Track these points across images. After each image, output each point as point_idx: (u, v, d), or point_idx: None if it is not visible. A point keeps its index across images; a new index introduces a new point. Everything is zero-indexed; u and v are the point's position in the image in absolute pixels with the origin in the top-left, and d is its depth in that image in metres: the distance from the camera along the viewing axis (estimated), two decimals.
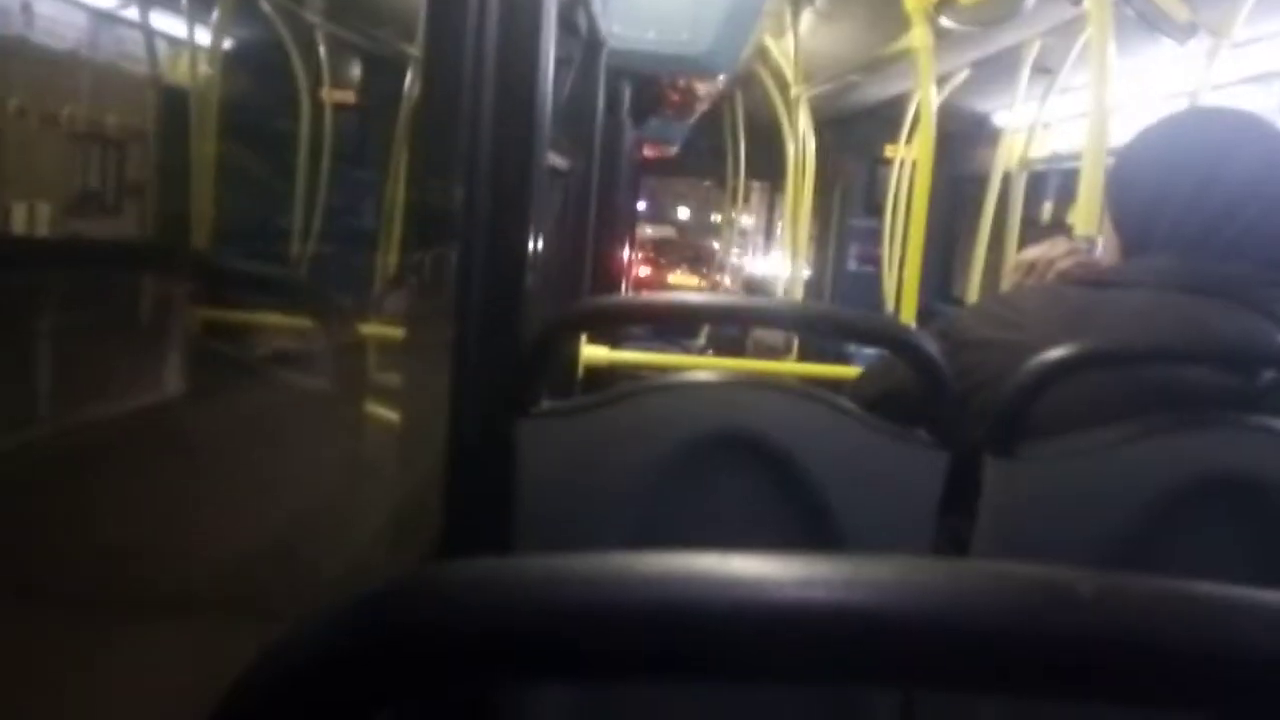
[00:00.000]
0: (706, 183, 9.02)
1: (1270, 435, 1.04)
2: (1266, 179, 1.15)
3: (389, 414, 1.33)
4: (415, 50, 4.53)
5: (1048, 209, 4.00)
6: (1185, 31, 2.50)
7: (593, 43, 2.42)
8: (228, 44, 4.06)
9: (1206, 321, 1.10)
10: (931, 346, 1.09)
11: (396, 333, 1.60)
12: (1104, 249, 1.28)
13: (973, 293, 3.93)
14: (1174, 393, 1.09)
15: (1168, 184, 1.19)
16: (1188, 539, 1.05)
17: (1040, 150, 3.96)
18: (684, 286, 7.82)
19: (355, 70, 5.12)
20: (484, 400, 1.16)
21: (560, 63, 1.53)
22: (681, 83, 3.81)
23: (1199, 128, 1.24)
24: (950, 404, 1.09)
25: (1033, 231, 4.20)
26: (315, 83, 4.99)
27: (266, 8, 4.47)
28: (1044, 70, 3.61)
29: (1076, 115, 3.70)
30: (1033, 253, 1.35)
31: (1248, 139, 1.18)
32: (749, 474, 1.14)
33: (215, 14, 3.91)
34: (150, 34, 3.83)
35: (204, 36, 4.11)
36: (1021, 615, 0.26)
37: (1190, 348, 1.11)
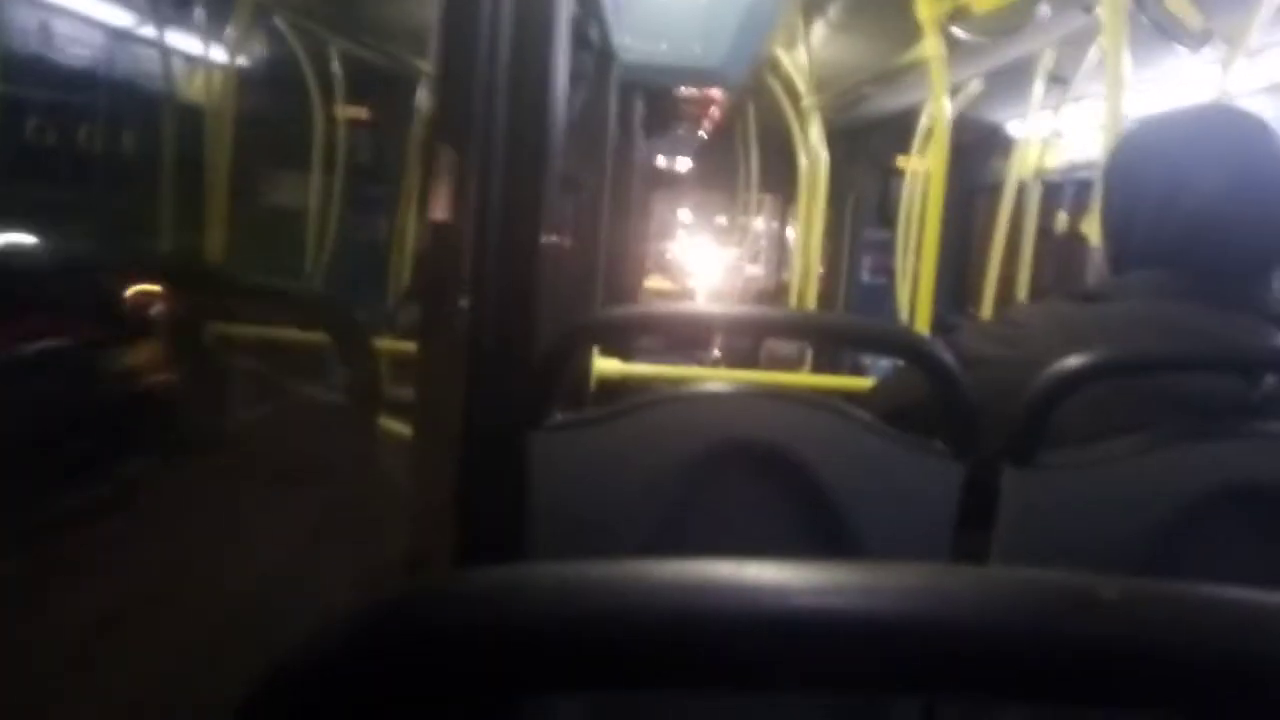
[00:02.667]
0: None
1: None
2: (1242, 179, 1.10)
3: (402, 428, 1.33)
4: (427, 66, 4.55)
5: (1063, 219, 3.98)
6: (1199, 39, 2.49)
7: (605, 56, 2.43)
8: (242, 61, 4.07)
9: (1204, 327, 1.09)
10: (948, 356, 1.08)
11: (410, 347, 1.60)
12: (1101, 261, 1.27)
13: (987, 304, 3.91)
14: (1186, 401, 1.08)
15: (1136, 194, 1.16)
16: (1207, 549, 1.04)
17: (1055, 160, 3.95)
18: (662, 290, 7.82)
19: (369, 87, 5.15)
20: (497, 413, 1.16)
21: (573, 76, 1.53)
22: (694, 95, 3.83)
23: (1167, 133, 1.19)
24: (967, 414, 1.09)
25: (1048, 243, 4.19)
26: (329, 99, 5.02)
27: (281, 25, 4.50)
28: (1058, 80, 3.60)
29: (1092, 125, 3.69)
30: None
31: (1219, 139, 1.14)
32: (764, 485, 1.13)
33: (230, 32, 3.93)
34: (166, 52, 3.84)
35: (219, 54, 4.11)
36: (1045, 620, 0.26)
37: (1205, 355, 1.10)
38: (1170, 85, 3.09)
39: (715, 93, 3.60)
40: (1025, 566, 0.31)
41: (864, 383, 2.86)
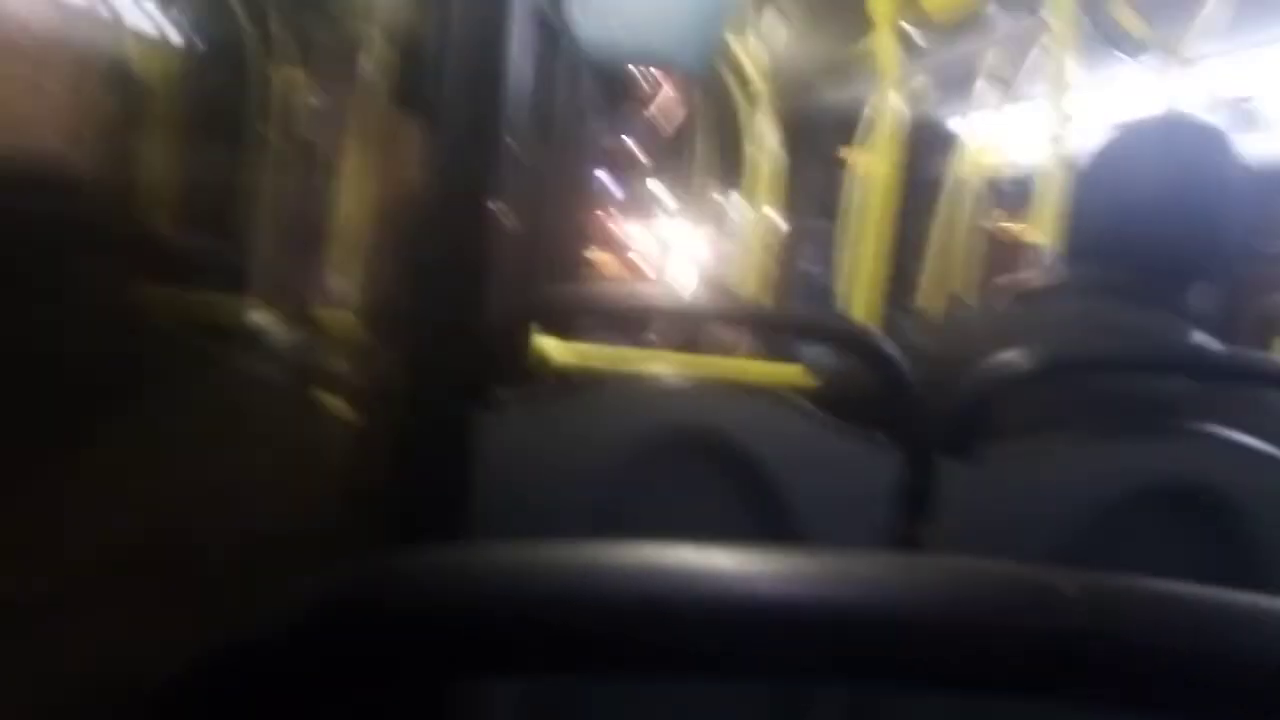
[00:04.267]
0: None
1: (1215, 441, 1.07)
2: (1182, 186, 1.16)
3: (339, 403, 1.30)
4: (372, 33, 4.45)
5: (1000, 216, 4.06)
6: (1138, 48, 2.56)
7: (557, 32, 2.40)
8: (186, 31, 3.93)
9: (1132, 327, 1.14)
10: (889, 347, 1.09)
11: (348, 318, 1.57)
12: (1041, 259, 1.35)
13: (925, 298, 3.98)
14: (1115, 398, 1.11)
15: (1085, 195, 1.24)
16: (1134, 543, 1.07)
17: (997, 159, 4.02)
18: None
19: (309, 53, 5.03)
20: (439, 389, 1.15)
21: (524, 51, 1.51)
22: (647, 76, 3.81)
23: (1124, 138, 1.26)
24: (908, 405, 1.10)
25: (987, 240, 4.27)
26: (267, 66, 4.89)
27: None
28: (999, 79, 3.66)
29: (1033, 125, 3.76)
30: None
31: (1168, 146, 1.20)
32: (707, 470, 1.14)
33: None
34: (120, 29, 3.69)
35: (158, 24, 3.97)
36: (1009, 614, 0.26)
37: (1130, 357, 1.14)
38: (1111, 91, 3.16)
39: (669, 76, 3.59)
40: (961, 557, 0.31)
41: (799, 370, 2.88)
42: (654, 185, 9.35)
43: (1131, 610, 0.27)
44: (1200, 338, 1.15)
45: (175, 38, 3.78)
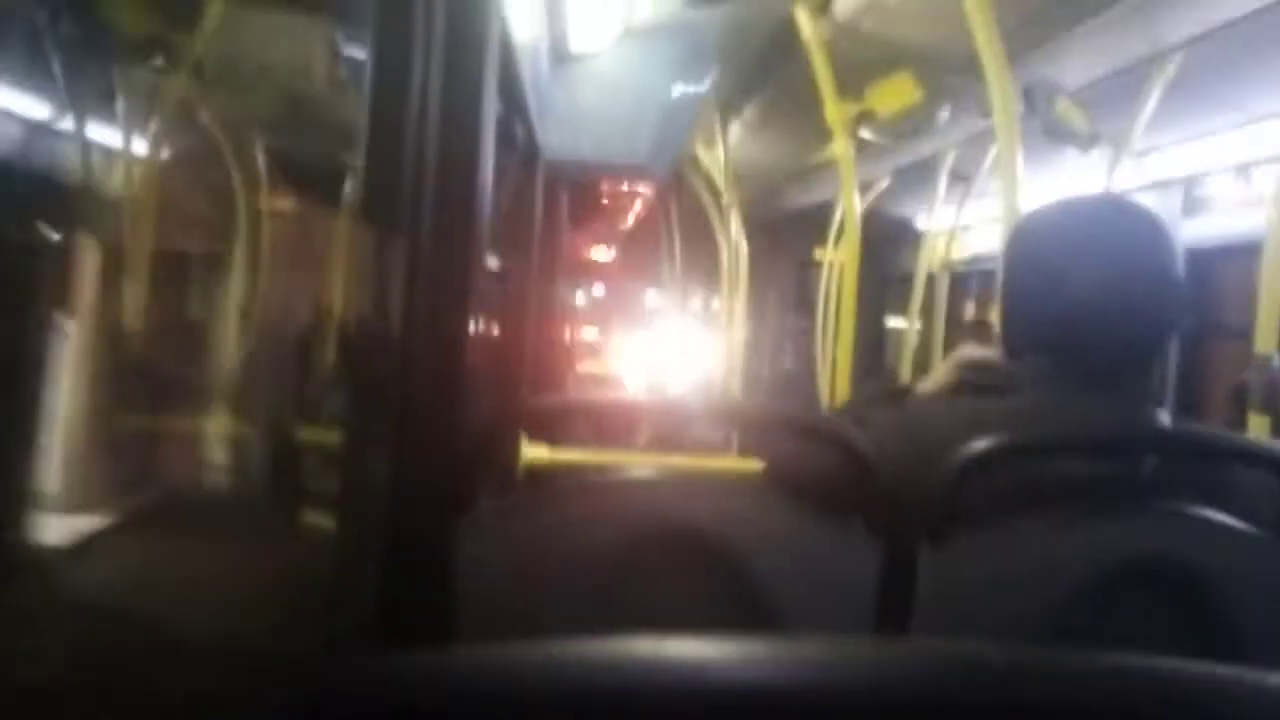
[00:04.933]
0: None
1: (1184, 519, 1.08)
2: (1119, 270, 1.14)
3: (326, 521, 1.31)
4: (354, 160, 4.58)
5: (970, 308, 4.15)
6: (1088, 141, 2.67)
7: (530, 152, 2.49)
8: (165, 154, 4.05)
9: (1089, 415, 1.14)
10: (867, 444, 1.12)
11: (334, 437, 1.59)
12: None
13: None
14: (1080, 483, 1.13)
15: (1020, 284, 1.22)
16: (1113, 619, 1.08)
17: (961, 252, 4.13)
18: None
19: (293, 179, 5.15)
20: (423, 499, 1.16)
21: (499, 171, 1.58)
22: (618, 189, 3.93)
23: (1050, 224, 1.24)
24: (884, 496, 1.12)
25: (958, 330, 4.35)
26: (253, 191, 5.00)
27: (205, 119, 4.49)
28: (960, 178, 3.80)
29: (992, 219, 3.89)
30: (938, 374, 1.35)
31: (1099, 231, 1.18)
32: (690, 569, 1.14)
33: (153, 126, 3.92)
34: (85, 144, 3.80)
35: (140, 147, 4.08)
36: (939, 687, 0.28)
37: (1098, 439, 1.15)
38: (1063, 182, 3.29)
39: (639, 187, 3.70)
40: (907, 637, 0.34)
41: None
42: (632, 292, 9.49)
43: (1059, 679, 0.29)
44: (1162, 418, 1.17)
45: (144, 151, 3.88)
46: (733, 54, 3.24)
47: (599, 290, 9.49)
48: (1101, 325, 1.14)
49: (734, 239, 4.91)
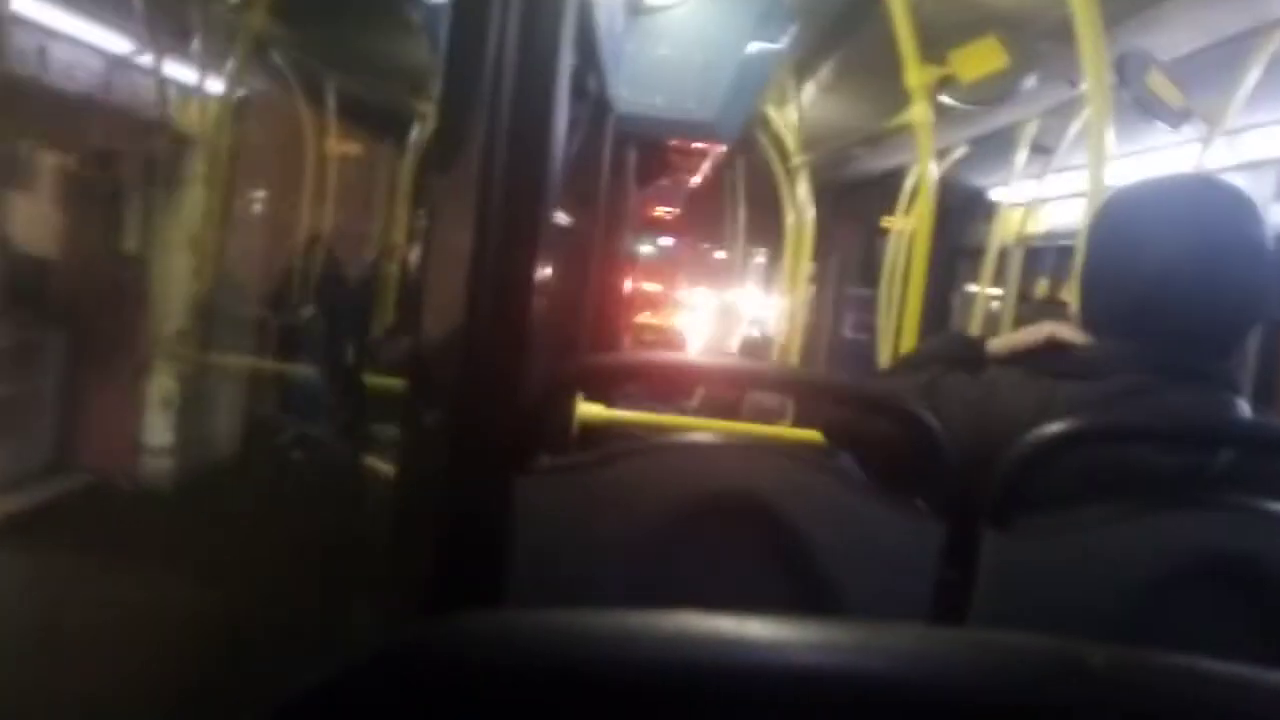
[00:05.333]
0: None
1: (1258, 516, 1.05)
2: (1200, 250, 1.11)
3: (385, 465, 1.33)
4: (422, 105, 4.59)
5: (1043, 285, 4.05)
6: (1179, 117, 2.56)
7: (601, 106, 2.47)
8: (239, 93, 4.10)
9: (1166, 404, 1.10)
10: (933, 421, 1.09)
11: (395, 383, 1.60)
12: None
13: None
14: (1152, 471, 1.09)
15: (1099, 262, 1.19)
16: (1176, 617, 1.05)
17: (1037, 227, 4.02)
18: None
19: (362, 123, 5.19)
20: (482, 455, 1.16)
21: (569, 124, 1.56)
22: (685, 148, 3.88)
23: (1132, 202, 1.21)
24: (949, 474, 1.10)
25: (1027, 306, 4.25)
26: (321, 134, 5.05)
27: (278, 60, 4.54)
28: (1041, 149, 3.68)
29: (1072, 194, 3.77)
30: (1018, 337, 1.32)
31: (1181, 210, 1.14)
32: (745, 536, 1.13)
33: (230, 64, 3.97)
34: (162, 81, 3.87)
35: (215, 86, 4.13)
36: (1034, 685, 0.26)
37: (1178, 428, 1.12)
38: (1151, 159, 3.16)
39: (708, 145, 3.66)
40: (1004, 628, 0.32)
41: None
42: (695, 252, 9.45)
43: (1158, 685, 0.27)
44: (1242, 408, 1.13)
45: (218, 90, 3.91)
46: (812, 12, 3.16)
47: (662, 248, 9.47)
48: (1185, 307, 1.10)
49: (801, 202, 4.83)
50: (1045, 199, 3.91)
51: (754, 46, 3.00)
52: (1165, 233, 1.13)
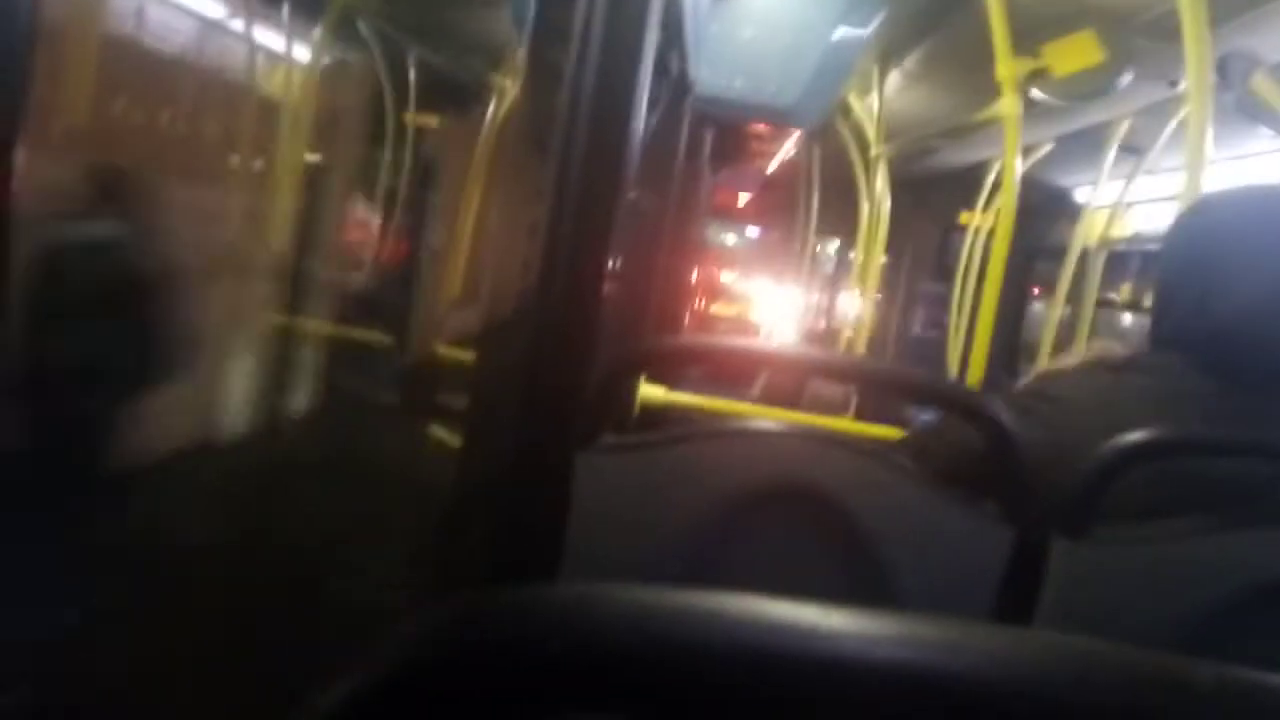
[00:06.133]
0: None
1: None
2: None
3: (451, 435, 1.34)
4: (501, 79, 4.61)
5: (1126, 290, 3.92)
6: None
7: (681, 86, 2.45)
8: (324, 62, 4.16)
9: (1239, 409, 1.06)
10: (1006, 416, 1.06)
11: (465, 355, 1.62)
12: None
13: (1042, 368, 3.86)
14: (1222, 485, 1.05)
15: (1181, 277, 1.12)
16: (1255, 640, 1.01)
17: (1123, 230, 3.89)
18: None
19: (440, 95, 5.24)
20: (547, 430, 1.17)
21: (649, 103, 1.55)
22: (761, 133, 3.84)
23: (1224, 216, 1.12)
24: (1022, 478, 1.07)
25: (1107, 311, 4.12)
26: (402, 105, 5.11)
27: (363, 30, 4.61)
28: (1131, 150, 3.56)
29: (1161, 198, 3.64)
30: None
31: (1263, 237, 1.07)
32: (805, 527, 1.12)
33: (317, 32, 4.03)
34: (253, 46, 3.96)
35: (301, 53, 4.21)
36: (1142, 701, 0.25)
37: (1265, 443, 1.07)
38: (1251, 165, 3.04)
39: (787, 131, 3.61)
40: (1089, 638, 0.31)
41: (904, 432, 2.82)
42: (768, 238, 9.37)
43: (1268, 708, 0.25)
44: None
45: (305, 56, 3.98)
46: None
47: (734, 233, 9.42)
48: (1266, 340, 1.05)
49: (878, 194, 4.75)
50: (1133, 201, 3.79)
51: (840, 32, 2.95)
52: (1252, 260, 1.06)
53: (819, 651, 0.28)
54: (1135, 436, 1.02)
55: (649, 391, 2.78)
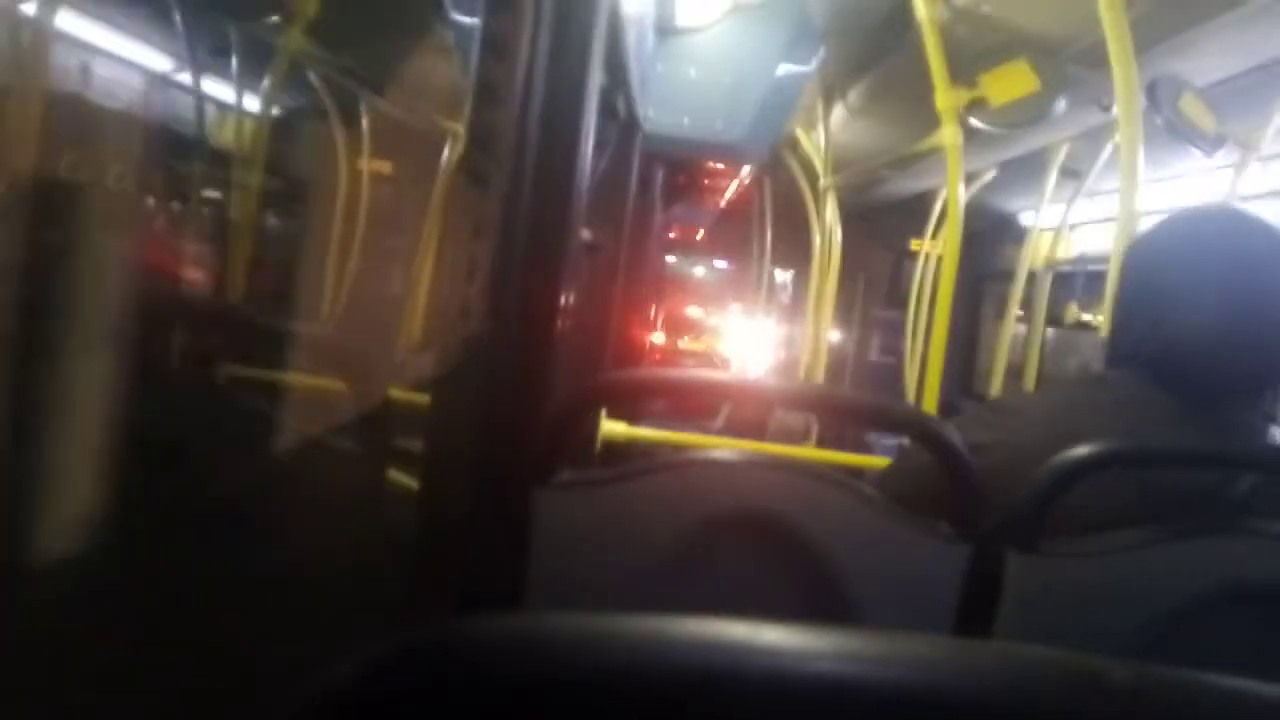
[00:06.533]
0: None
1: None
2: (1243, 295, 1.08)
3: (410, 481, 1.33)
4: (455, 125, 4.63)
5: (1074, 309, 4.01)
6: (1213, 143, 2.54)
7: (629, 125, 2.48)
8: (274, 111, 4.15)
9: (1198, 420, 1.09)
10: (955, 437, 1.09)
11: (421, 399, 1.61)
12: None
13: (995, 389, 3.92)
14: (1179, 495, 1.08)
15: (1133, 300, 1.17)
16: (1205, 645, 1.03)
17: (1067, 251, 3.99)
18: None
19: (392, 142, 5.24)
20: (505, 467, 1.17)
21: (597, 143, 1.57)
22: (712, 169, 3.90)
23: (1163, 247, 1.17)
24: (973, 497, 1.09)
25: (1056, 331, 4.21)
26: (355, 153, 5.10)
27: (314, 79, 4.60)
28: (1071, 173, 3.66)
29: (1102, 219, 3.74)
30: None
31: (1222, 250, 1.12)
32: (765, 555, 1.13)
33: (265, 82, 4.02)
34: (200, 98, 3.92)
35: (251, 103, 4.20)
36: (1053, 698, 0.26)
37: (1213, 453, 1.10)
38: (1183, 185, 3.14)
39: (736, 166, 3.67)
40: (1011, 643, 0.32)
41: (870, 461, 2.85)
42: (721, 272, 9.45)
43: (1181, 702, 0.27)
44: (1272, 433, 1.12)
45: (255, 108, 3.97)
46: (842, 35, 3.17)
47: (687, 267, 9.48)
48: (1214, 356, 1.09)
49: (829, 224, 4.82)
50: (1075, 223, 3.88)
51: (783, 69, 3.02)
52: (1197, 281, 1.11)
53: (758, 667, 0.29)
54: (1083, 449, 1.04)
55: (611, 428, 2.78)
